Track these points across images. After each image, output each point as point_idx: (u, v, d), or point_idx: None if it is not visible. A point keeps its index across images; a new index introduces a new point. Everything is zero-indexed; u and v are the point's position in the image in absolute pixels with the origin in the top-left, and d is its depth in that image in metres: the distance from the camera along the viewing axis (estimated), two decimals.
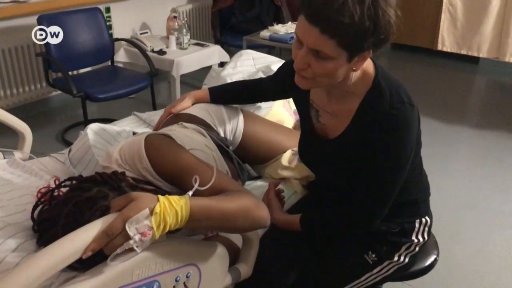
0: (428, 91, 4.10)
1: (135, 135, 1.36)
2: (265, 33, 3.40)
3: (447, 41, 4.32)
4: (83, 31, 3.17)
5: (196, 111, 1.54)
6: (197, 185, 0.94)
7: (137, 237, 0.82)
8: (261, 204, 1.10)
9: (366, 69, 1.14)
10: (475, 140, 3.31)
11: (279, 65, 1.53)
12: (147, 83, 3.15)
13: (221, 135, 1.52)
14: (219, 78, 2.03)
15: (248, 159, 1.58)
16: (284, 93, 1.48)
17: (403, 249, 1.29)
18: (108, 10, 3.60)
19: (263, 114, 1.79)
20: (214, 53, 3.70)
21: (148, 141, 1.14)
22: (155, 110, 2.78)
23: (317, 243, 1.36)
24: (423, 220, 1.31)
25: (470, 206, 2.56)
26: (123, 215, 0.83)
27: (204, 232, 1.23)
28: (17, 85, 3.33)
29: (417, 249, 1.31)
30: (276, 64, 2.03)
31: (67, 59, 3.05)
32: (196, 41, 3.82)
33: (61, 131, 3.30)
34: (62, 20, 3.02)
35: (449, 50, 4.36)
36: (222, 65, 3.59)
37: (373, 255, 1.28)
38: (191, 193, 0.93)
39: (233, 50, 3.65)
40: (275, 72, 1.53)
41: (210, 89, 1.62)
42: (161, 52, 3.52)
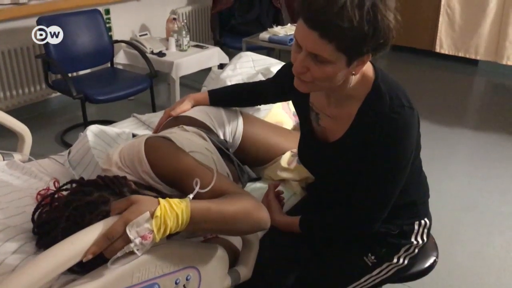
0: (427, 93, 4.11)
1: (135, 137, 1.36)
2: (265, 35, 3.40)
3: (445, 44, 4.32)
4: (83, 33, 3.17)
5: (195, 114, 1.54)
6: (198, 188, 0.94)
7: (138, 240, 0.82)
8: (261, 206, 1.10)
9: (365, 72, 1.14)
10: (474, 141, 3.32)
11: (279, 67, 1.53)
12: (147, 85, 3.16)
13: (221, 138, 1.52)
14: (218, 80, 2.03)
15: (247, 161, 1.58)
16: (284, 95, 1.48)
17: (403, 251, 1.30)
18: (107, 12, 3.60)
19: (262, 116, 1.79)
20: (213, 55, 3.70)
21: (148, 143, 1.14)
22: (154, 112, 2.77)
23: (317, 245, 1.36)
24: (423, 222, 1.31)
25: (469, 207, 2.56)
26: (123, 218, 0.83)
27: (203, 234, 1.23)
28: (16, 87, 3.33)
29: (417, 251, 1.31)
30: (275, 66, 2.03)
31: (67, 60, 3.06)
32: (195, 43, 3.82)
33: (60, 133, 3.29)
34: (61, 22, 3.01)
35: (446, 52, 4.35)
36: (221, 67, 3.61)
37: (373, 257, 1.28)
38: (192, 196, 0.93)
39: (232, 52, 3.65)
40: (274, 74, 1.53)
41: (209, 91, 1.62)
42: (161, 54, 3.52)
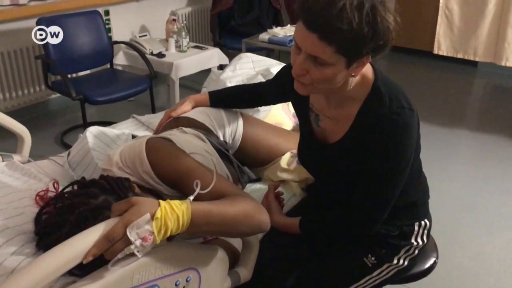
0: (427, 94, 4.11)
1: (136, 138, 1.36)
2: (264, 36, 3.40)
3: (443, 45, 4.31)
4: (82, 34, 3.17)
5: (195, 115, 1.54)
6: (198, 189, 0.94)
7: (138, 242, 0.82)
8: (261, 208, 1.09)
9: (365, 73, 1.14)
10: (474, 142, 3.32)
11: (279, 68, 1.53)
12: (146, 86, 3.15)
13: (221, 139, 1.52)
14: (218, 81, 2.03)
15: (247, 162, 1.58)
16: (284, 96, 1.48)
17: (403, 252, 1.30)
18: (107, 13, 3.60)
19: (261, 116, 1.79)
20: (213, 56, 3.70)
21: (149, 144, 1.15)
22: (154, 113, 2.78)
23: (317, 246, 1.35)
24: (423, 223, 1.31)
25: (469, 208, 2.56)
26: (124, 220, 0.83)
27: (203, 236, 1.23)
28: (16, 88, 3.32)
29: (417, 252, 1.31)
30: (275, 67, 2.03)
31: (66, 61, 3.05)
32: (195, 44, 3.82)
33: (60, 134, 3.29)
34: (61, 22, 3.01)
35: (445, 54, 4.35)
36: (221, 68, 3.61)
37: (373, 258, 1.28)
38: (192, 198, 0.93)
39: (232, 53, 3.65)
40: (274, 76, 1.53)
41: (210, 93, 1.62)
42: (160, 55, 3.52)
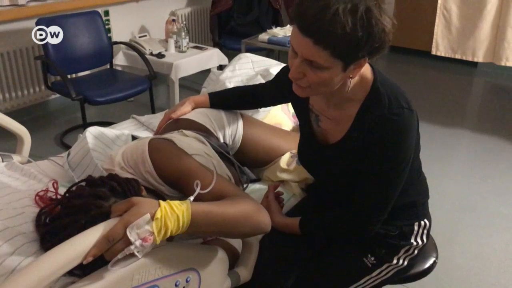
0: (426, 94, 4.11)
1: (138, 139, 1.36)
2: (264, 36, 3.40)
3: (441, 46, 4.30)
4: (82, 34, 3.17)
5: (195, 116, 1.54)
6: (198, 190, 0.94)
7: (138, 243, 0.82)
8: (262, 209, 1.10)
9: (364, 74, 1.15)
10: (473, 142, 3.32)
11: (278, 68, 1.53)
12: (146, 86, 3.15)
13: (221, 140, 1.52)
14: (218, 81, 2.03)
15: (247, 162, 1.58)
16: (283, 98, 1.48)
17: (402, 252, 1.30)
18: (107, 13, 3.60)
19: (261, 117, 1.79)
20: (213, 56, 3.70)
21: (151, 144, 1.16)
22: (154, 113, 2.78)
23: (317, 246, 1.36)
24: (422, 223, 1.31)
25: (468, 208, 2.56)
26: (124, 220, 0.83)
27: (203, 236, 1.23)
28: (15, 89, 3.32)
29: (416, 252, 1.31)
30: (275, 67, 2.03)
31: (66, 62, 3.05)
32: (194, 44, 3.82)
33: (59, 134, 3.29)
34: (60, 23, 3.01)
35: (443, 54, 4.32)
36: (221, 68, 3.61)
37: (372, 258, 1.29)
38: (192, 198, 0.93)
39: (231, 53, 3.64)
40: (274, 77, 1.53)
41: (210, 94, 1.62)
42: (160, 55, 3.52)
